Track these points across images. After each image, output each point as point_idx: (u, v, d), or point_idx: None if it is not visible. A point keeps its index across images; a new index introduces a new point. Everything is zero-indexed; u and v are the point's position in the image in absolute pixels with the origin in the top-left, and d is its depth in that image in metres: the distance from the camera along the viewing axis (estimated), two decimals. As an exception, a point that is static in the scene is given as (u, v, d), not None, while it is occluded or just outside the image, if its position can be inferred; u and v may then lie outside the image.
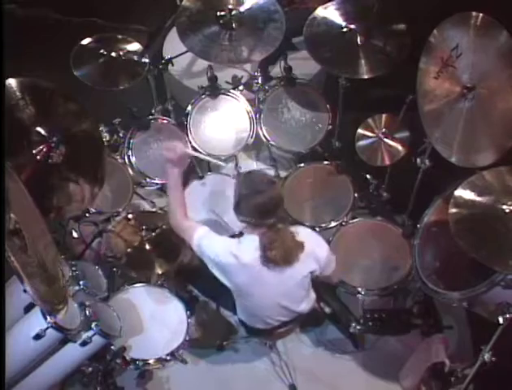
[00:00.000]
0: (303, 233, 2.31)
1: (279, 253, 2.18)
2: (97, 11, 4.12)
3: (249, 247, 2.24)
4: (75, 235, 2.97)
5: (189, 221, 2.41)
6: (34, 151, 2.41)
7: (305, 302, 2.48)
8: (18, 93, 2.33)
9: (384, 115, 2.91)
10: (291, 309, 2.43)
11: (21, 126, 2.36)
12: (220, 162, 2.71)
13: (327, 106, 3.22)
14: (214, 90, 3.20)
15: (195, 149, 3.02)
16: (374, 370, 2.85)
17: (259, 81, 3.21)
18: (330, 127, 3.20)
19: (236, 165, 3.33)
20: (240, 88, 3.28)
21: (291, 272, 2.26)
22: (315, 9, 2.95)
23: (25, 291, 1.79)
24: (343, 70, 2.87)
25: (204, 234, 2.32)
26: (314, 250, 2.31)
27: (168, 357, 2.55)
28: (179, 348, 2.57)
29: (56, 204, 2.46)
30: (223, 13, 2.93)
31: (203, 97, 3.22)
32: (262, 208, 2.16)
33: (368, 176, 3.28)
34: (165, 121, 3.21)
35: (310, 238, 2.33)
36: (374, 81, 2.83)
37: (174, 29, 3.27)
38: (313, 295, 2.52)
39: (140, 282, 2.79)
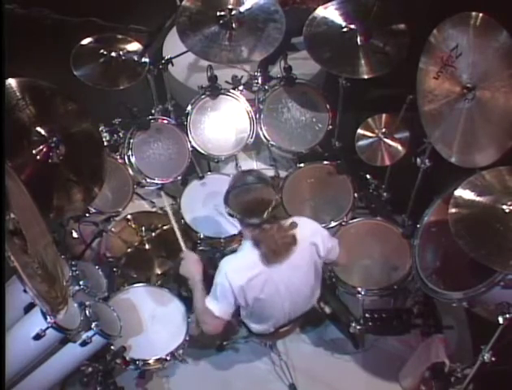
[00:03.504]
0: (296, 222, 2.29)
1: (270, 249, 2.18)
2: (97, 11, 4.11)
3: (246, 260, 2.26)
4: (75, 235, 2.97)
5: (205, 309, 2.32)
6: (34, 151, 2.40)
7: (315, 293, 2.50)
8: (18, 93, 2.33)
9: (383, 115, 2.91)
10: (304, 302, 2.45)
11: (21, 126, 2.36)
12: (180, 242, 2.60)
13: (327, 106, 3.22)
14: (214, 90, 3.20)
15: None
16: (374, 370, 2.85)
17: (259, 81, 3.21)
18: (330, 127, 3.21)
19: (236, 165, 3.34)
20: (240, 88, 3.28)
21: (291, 263, 2.26)
22: (315, 9, 2.96)
23: (25, 291, 1.79)
24: (343, 70, 2.87)
25: (211, 300, 2.29)
26: (311, 236, 2.31)
27: (168, 357, 2.55)
28: (179, 348, 2.57)
29: (56, 204, 2.46)
30: (223, 13, 2.93)
31: (203, 97, 3.22)
32: (247, 207, 2.17)
33: (368, 176, 3.28)
34: (165, 121, 3.21)
35: (304, 225, 2.32)
36: (374, 81, 2.83)
37: (174, 29, 3.27)
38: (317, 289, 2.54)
39: (140, 282, 2.79)
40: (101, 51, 2.96)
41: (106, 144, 3.05)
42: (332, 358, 2.91)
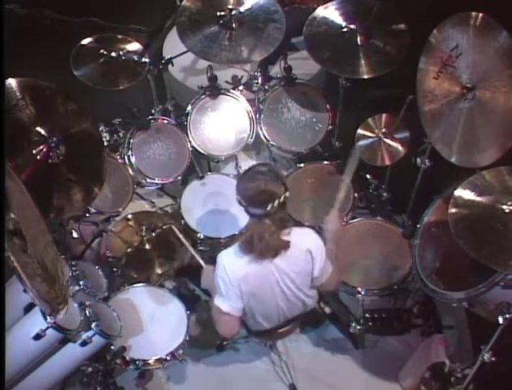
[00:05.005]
0: (298, 232, 2.28)
1: (259, 246, 2.16)
2: (97, 11, 4.12)
3: (243, 254, 2.24)
4: (75, 235, 2.97)
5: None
6: (34, 151, 2.41)
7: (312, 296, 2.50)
8: (18, 93, 2.33)
9: (383, 115, 2.91)
10: (299, 302, 2.44)
11: (21, 126, 2.36)
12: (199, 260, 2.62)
13: (327, 106, 3.22)
14: (214, 90, 3.20)
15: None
16: (374, 370, 2.84)
17: (259, 81, 3.21)
18: (330, 127, 3.21)
19: (236, 165, 3.33)
20: (240, 88, 3.28)
21: (285, 263, 2.24)
22: (315, 9, 2.96)
23: (25, 291, 1.79)
24: (343, 70, 2.87)
25: (217, 297, 2.29)
26: (311, 246, 2.27)
27: (168, 357, 2.55)
28: (179, 348, 2.57)
29: (56, 204, 2.46)
30: (223, 13, 2.93)
31: (203, 97, 3.22)
32: (250, 194, 2.14)
33: (368, 176, 3.28)
34: (165, 121, 3.21)
35: (305, 237, 2.30)
36: (374, 81, 2.83)
37: (174, 29, 3.27)
38: (315, 292, 2.53)
39: (140, 282, 2.79)
40: (102, 51, 2.96)
41: (106, 144, 3.05)
42: (332, 358, 2.91)
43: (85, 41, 3.00)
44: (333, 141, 3.32)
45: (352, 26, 2.87)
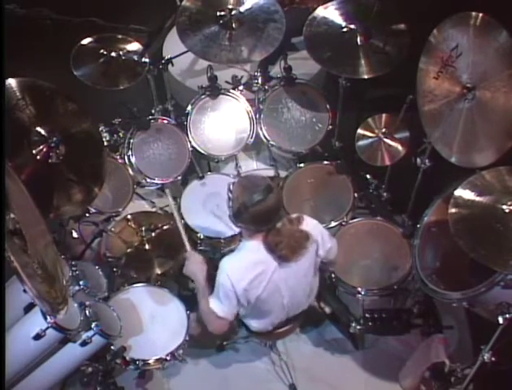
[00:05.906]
0: (306, 220, 2.32)
1: (288, 250, 2.20)
2: (97, 11, 4.12)
3: (247, 261, 2.26)
4: (75, 235, 2.97)
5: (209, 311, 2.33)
6: (34, 151, 2.41)
7: (314, 291, 2.51)
8: (18, 93, 2.33)
9: (383, 115, 2.92)
10: (302, 298, 2.46)
11: (21, 126, 2.36)
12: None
13: (327, 106, 3.22)
14: (214, 90, 3.20)
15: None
16: (374, 370, 2.85)
17: (259, 81, 3.21)
18: (330, 127, 3.21)
19: (236, 165, 3.33)
20: (240, 88, 3.28)
21: (301, 263, 2.27)
22: (315, 9, 2.96)
23: (25, 291, 1.79)
24: (343, 70, 2.87)
25: (214, 301, 2.30)
26: (318, 236, 2.33)
27: (168, 357, 2.55)
28: (179, 348, 2.57)
29: (56, 204, 2.46)
30: (223, 13, 2.93)
31: (203, 97, 3.22)
32: (263, 216, 2.16)
33: (368, 176, 3.28)
34: (165, 121, 3.21)
35: (306, 223, 2.33)
36: (374, 81, 2.83)
37: (174, 29, 3.28)
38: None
39: (140, 282, 2.79)
40: (102, 51, 2.96)
41: (106, 144, 3.05)
42: (332, 358, 2.91)
43: (85, 41, 3.00)
44: (333, 141, 3.32)
45: (352, 26, 2.87)
